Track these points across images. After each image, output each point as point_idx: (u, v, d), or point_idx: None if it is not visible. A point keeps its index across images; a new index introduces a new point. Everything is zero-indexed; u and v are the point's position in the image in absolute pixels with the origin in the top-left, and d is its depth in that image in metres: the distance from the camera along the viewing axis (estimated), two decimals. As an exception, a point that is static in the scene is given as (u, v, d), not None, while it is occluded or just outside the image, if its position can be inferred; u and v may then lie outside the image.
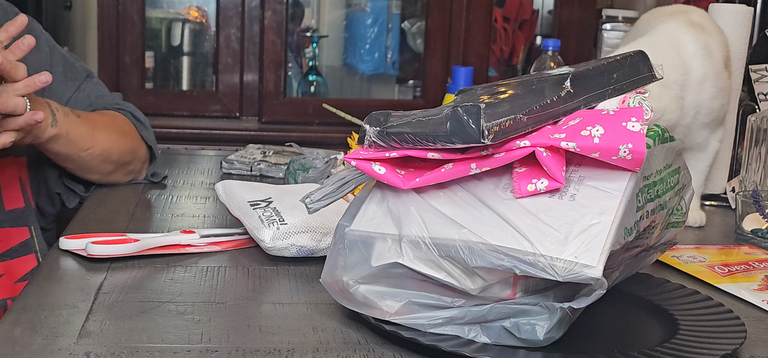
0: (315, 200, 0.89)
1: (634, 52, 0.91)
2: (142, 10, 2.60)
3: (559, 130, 0.80)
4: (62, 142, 1.30)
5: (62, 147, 1.31)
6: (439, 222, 0.81)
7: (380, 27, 3.04)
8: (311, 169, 1.47)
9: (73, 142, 1.31)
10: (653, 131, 0.86)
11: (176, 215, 1.31)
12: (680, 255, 1.19)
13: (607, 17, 2.43)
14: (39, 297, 0.92)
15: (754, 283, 1.09)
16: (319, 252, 1.08)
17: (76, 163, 1.36)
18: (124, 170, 1.45)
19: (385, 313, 0.83)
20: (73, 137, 1.31)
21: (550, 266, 0.75)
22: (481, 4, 2.78)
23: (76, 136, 1.31)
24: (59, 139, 1.29)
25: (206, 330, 0.85)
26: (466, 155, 0.81)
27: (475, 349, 0.79)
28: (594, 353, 0.82)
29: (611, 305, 0.94)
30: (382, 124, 0.83)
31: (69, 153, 1.33)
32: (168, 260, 1.06)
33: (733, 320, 0.90)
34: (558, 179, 0.79)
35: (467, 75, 1.74)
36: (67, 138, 1.30)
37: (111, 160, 1.40)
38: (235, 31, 2.67)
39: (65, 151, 1.32)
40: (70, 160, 1.36)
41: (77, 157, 1.35)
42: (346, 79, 3.17)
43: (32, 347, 0.79)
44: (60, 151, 1.31)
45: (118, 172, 1.44)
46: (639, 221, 0.82)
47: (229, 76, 2.69)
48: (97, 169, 1.40)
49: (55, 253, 1.07)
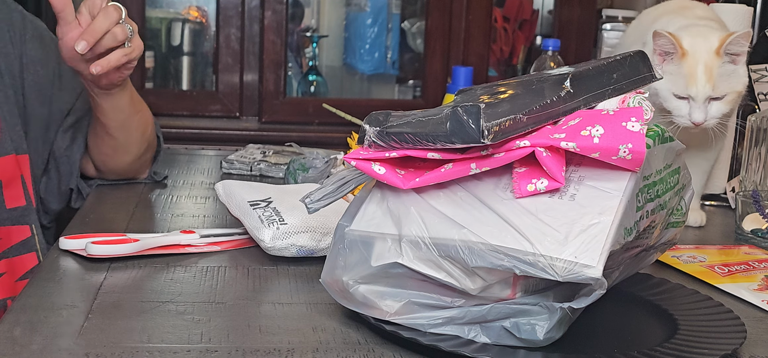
0: (315, 200, 0.89)
1: (634, 53, 0.91)
2: (142, 10, 2.61)
3: (559, 130, 0.80)
4: (129, 92, 1.36)
5: (128, 99, 1.36)
6: (438, 222, 0.81)
7: (380, 27, 3.04)
8: (311, 169, 1.47)
9: (133, 97, 1.38)
10: (653, 131, 0.86)
11: (176, 214, 1.31)
12: (680, 255, 1.19)
13: (607, 17, 2.43)
14: (39, 297, 0.92)
15: (754, 283, 1.09)
16: (318, 252, 1.08)
17: (128, 130, 1.39)
18: (145, 157, 1.47)
19: (385, 313, 0.84)
20: (133, 94, 1.38)
21: (549, 266, 0.75)
22: (481, 4, 2.78)
23: (133, 93, 1.38)
24: (127, 87, 1.35)
25: (206, 330, 0.85)
26: (466, 155, 0.81)
27: (475, 349, 0.79)
28: (594, 353, 0.82)
29: (611, 305, 0.94)
30: (381, 124, 0.83)
31: (130, 112, 1.38)
32: (168, 260, 1.06)
33: (733, 320, 0.90)
34: (558, 178, 0.79)
35: (467, 75, 1.74)
36: (131, 90, 1.37)
37: (146, 135, 1.44)
38: (235, 31, 2.67)
39: (129, 106, 1.37)
40: (126, 125, 1.38)
41: (131, 121, 1.39)
42: (346, 79, 3.18)
43: (32, 347, 0.79)
44: (126, 105, 1.36)
45: (143, 156, 1.46)
46: (639, 221, 0.82)
47: (229, 76, 2.69)
48: (136, 144, 1.42)
49: (55, 253, 1.07)
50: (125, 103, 1.36)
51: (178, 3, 2.99)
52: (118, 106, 1.35)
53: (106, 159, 1.43)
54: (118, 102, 1.34)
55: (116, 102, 1.34)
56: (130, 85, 1.37)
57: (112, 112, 1.35)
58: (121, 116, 1.37)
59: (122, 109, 1.36)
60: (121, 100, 1.35)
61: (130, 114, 1.38)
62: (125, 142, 1.40)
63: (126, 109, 1.37)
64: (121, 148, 1.41)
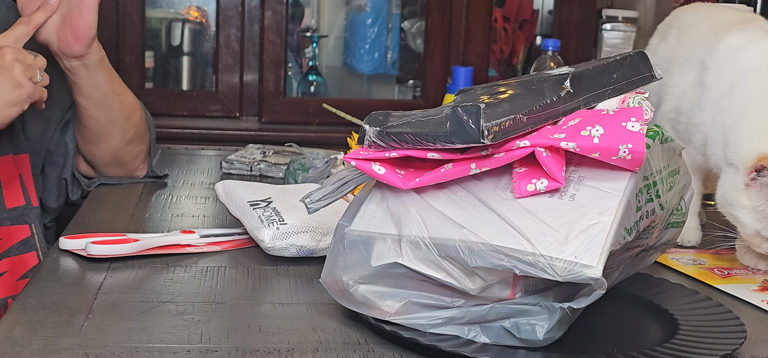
0: (315, 200, 0.89)
1: (634, 53, 0.91)
2: (141, 10, 2.60)
3: (559, 130, 0.80)
4: (106, 70, 1.38)
5: (105, 76, 1.38)
6: (438, 222, 0.81)
7: (380, 27, 3.04)
8: (311, 169, 1.47)
9: (112, 77, 1.40)
10: (653, 131, 0.86)
11: (176, 215, 1.31)
12: (680, 258, 1.19)
13: (607, 17, 2.42)
14: (38, 297, 0.92)
15: (753, 284, 1.09)
16: (318, 252, 1.08)
17: (108, 110, 1.40)
18: (136, 147, 1.47)
19: (385, 313, 0.83)
20: (112, 72, 1.40)
21: (549, 266, 0.75)
22: (481, 4, 2.78)
23: (113, 73, 1.41)
24: (104, 65, 1.38)
25: (206, 330, 0.85)
26: (465, 155, 0.81)
27: (474, 349, 0.79)
28: (593, 353, 0.82)
29: (611, 305, 0.94)
30: (381, 125, 0.83)
31: (107, 90, 1.39)
32: (168, 260, 1.06)
33: (733, 320, 0.90)
34: (558, 179, 0.79)
35: (467, 75, 1.74)
36: (109, 68, 1.39)
37: (133, 121, 1.45)
38: (235, 31, 2.66)
39: (106, 84, 1.39)
40: (105, 103, 1.40)
41: (112, 100, 1.40)
42: (346, 79, 3.17)
43: (32, 347, 0.79)
44: (102, 82, 1.38)
45: (133, 145, 1.46)
46: (639, 221, 0.82)
47: (229, 76, 2.69)
48: (121, 127, 1.43)
49: (55, 253, 1.07)
50: (102, 79, 1.38)
51: (178, 3, 2.99)
52: (95, 82, 1.37)
53: (93, 148, 1.44)
54: (94, 77, 1.36)
55: (93, 77, 1.36)
56: (109, 66, 1.39)
57: (90, 88, 1.37)
58: (98, 93, 1.38)
59: (99, 86, 1.38)
60: (98, 76, 1.37)
61: (108, 92, 1.39)
62: (107, 123, 1.41)
63: (103, 85, 1.38)
64: (104, 132, 1.42)
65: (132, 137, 1.45)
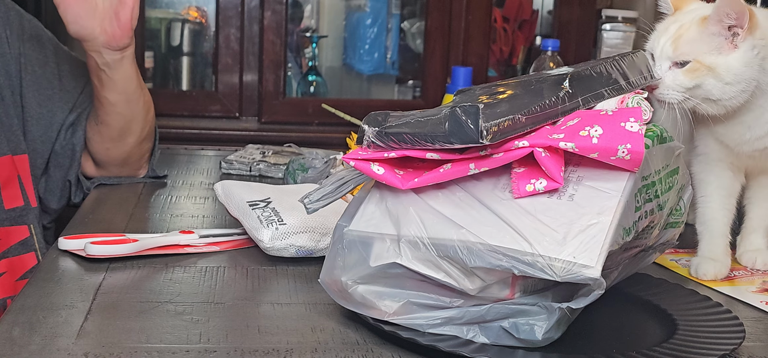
0: (314, 200, 0.89)
1: (634, 53, 0.91)
2: (141, 10, 2.60)
3: (558, 130, 0.80)
4: (132, 63, 1.38)
5: (135, 70, 1.39)
6: (437, 222, 0.81)
7: (380, 27, 3.04)
8: (310, 170, 1.47)
9: (137, 73, 1.40)
10: (652, 131, 0.86)
11: (175, 215, 1.31)
12: (678, 259, 1.19)
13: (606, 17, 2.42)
14: (37, 297, 0.92)
15: (753, 286, 1.09)
16: (317, 252, 1.08)
17: (134, 106, 1.41)
18: (145, 145, 1.48)
19: (384, 313, 0.83)
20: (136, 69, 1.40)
21: (548, 267, 0.75)
22: (480, 4, 2.78)
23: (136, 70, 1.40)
24: (134, 57, 1.38)
25: (205, 330, 0.85)
26: (464, 156, 0.81)
27: (473, 349, 0.79)
28: (592, 354, 0.82)
29: (610, 306, 0.94)
30: (380, 125, 0.83)
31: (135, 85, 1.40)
32: (167, 261, 1.06)
33: (732, 320, 0.90)
34: (556, 179, 0.79)
35: (467, 75, 1.74)
36: (134, 64, 1.39)
37: (150, 117, 1.46)
38: (235, 32, 2.67)
39: (135, 78, 1.39)
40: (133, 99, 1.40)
41: (138, 96, 1.41)
42: (346, 79, 3.17)
43: (31, 347, 0.79)
44: (132, 75, 1.38)
45: (144, 143, 1.47)
46: (638, 222, 0.82)
47: (228, 76, 2.69)
48: (140, 124, 1.43)
49: (54, 253, 1.07)
50: (134, 71, 1.39)
51: (178, 3, 2.99)
52: (129, 74, 1.37)
53: (111, 146, 1.43)
54: (129, 70, 1.37)
55: (127, 70, 1.36)
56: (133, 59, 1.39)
57: (124, 81, 1.37)
58: (131, 86, 1.39)
59: (132, 78, 1.38)
60: (132, 68, 1.37)
61: (138, 86, 1.40)
62: (131, 119, 1.42)
63: (135, 78, 1.39)
64: (127, 129, 1.42)
65: (146, 134, 1.46)
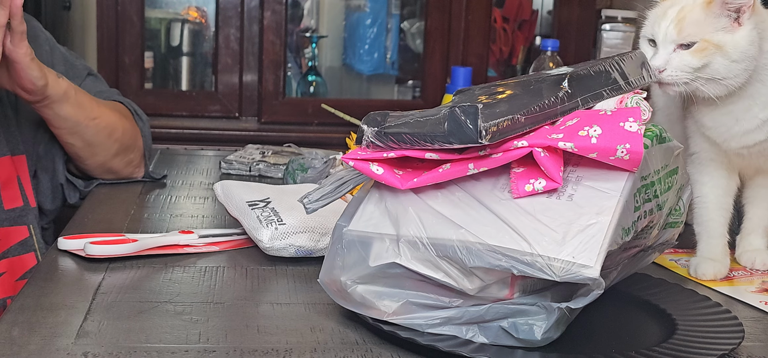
0: (313, 200, 0.89)
1: (633, 53, 0.91)
2: (141, 11, 2.60)
3: (557, 130, 0.80)
4: (72, 104, 1.34)
5: (72, 109, 1.34)
6: (436, 222, 0.81)
7: (379, 27, 3.04)
8: (310, 170, 1.47)
9: (82, 106, 1.36)
10: (651, 131, 0.86)
11: (175, 215, 1.31)
12: (678, 259, 1.19)
13: (606, 17, 2.42)
14: (37, 297, 0.92)
15: (752, 286, 1.09)
16: (317, 252, 1.08)
17: (83, 135, 1.38)
18: (125, 157, 1.46)
19: (383, 313, 0.84)
20: (81, 101, 1.36)
21: (547, 266, 0.75)
22: (480, 4, 2.78)
23: (83, 101, 1.36)
24: (69, 99, 1.33)
25: (204, 330, 0.85)
26: (463, 156, 0.81)
27: (472, 349, 0.79)
28: (592, 354, 0.82)
29: (609, 305, 0.94)
30: (380, 125, 0.83)
31: (78, 120, 1.36)
32: (166, 261, 1.06)
33: (731, 320, 0.90)
34: (556, 179, 0.79)
35: (466, 75, 1.74)
36: (76, 100, 1.34)
37: (115, 137, 1.42)
38: (235, 32, 2.67)
39: (74, 116, 1.35)
40: (78, 130, 1.37)
41: (85, 126, 1.37)
42: (346, 79, 3.18)
43: (30, 347, 0.79)
44: (69, 114, 1.34)
45: (120, 156, 1.45)
46: (637, 222, 0.82)
47: (228, 76, 2.69)
48: (102, 146, 1.41)
49: (54, 253, 1.07)
50: (68, 112, 1.34)
51: (178, 3, 2.99)
52: (61, 116, 1.34)
53: (78, 162, 1.44)
54: (60, 112, 1.33)
55: (59, 112, 1.34)
56: (76, 95, 1.35)
57: (57, 120, 1.35)
58: (67, 124, 1.36)
59: (67, 118, 1.35)
60: (63, 110, 1.33)
61: (77, 122, 1.36)
62: (84, 146, 1.40)
63: (71, 117, 1.35)
64: (86, 151, 1.41)
65: (117, 151, 1.44)
